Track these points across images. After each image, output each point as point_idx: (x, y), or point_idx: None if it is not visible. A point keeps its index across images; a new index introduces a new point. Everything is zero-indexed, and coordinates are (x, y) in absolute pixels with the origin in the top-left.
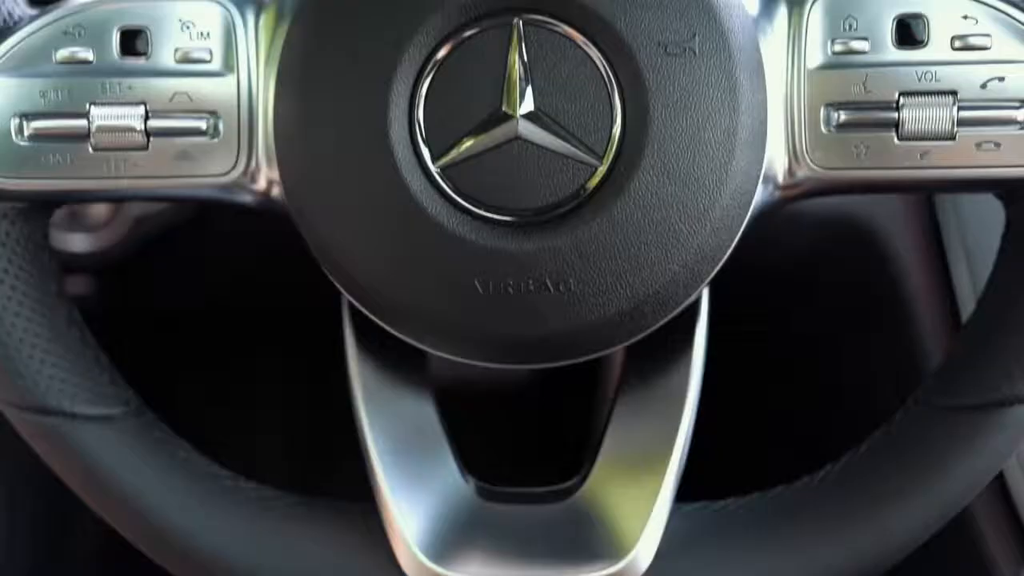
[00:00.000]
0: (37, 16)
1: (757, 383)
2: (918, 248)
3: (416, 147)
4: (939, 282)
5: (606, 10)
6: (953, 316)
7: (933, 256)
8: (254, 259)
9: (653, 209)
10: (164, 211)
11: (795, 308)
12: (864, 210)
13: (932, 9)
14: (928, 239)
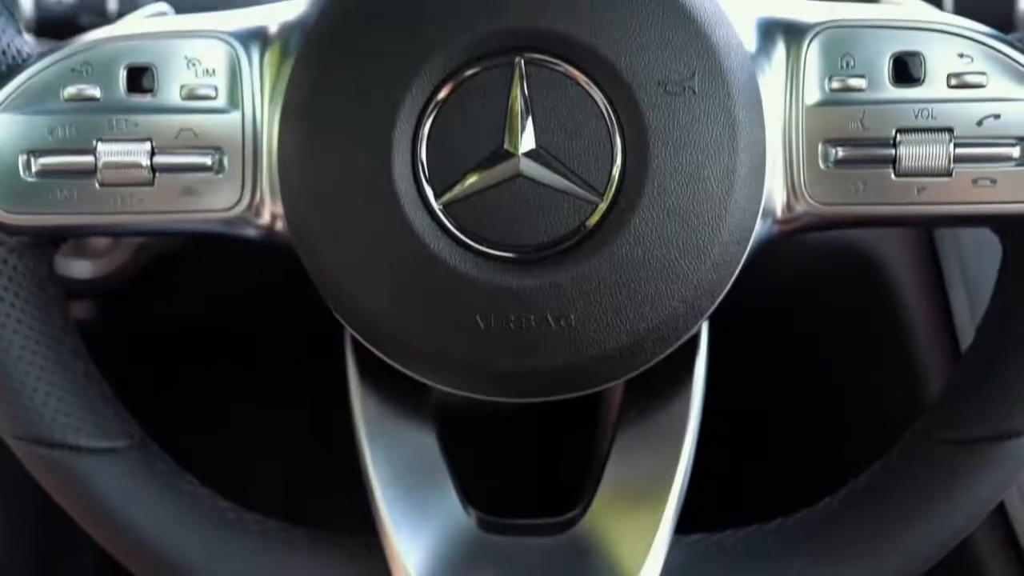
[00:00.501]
0: (45, 54)
1: (756, 413)
2: (917, 275)
3: (419, 184)
4: (938, 310)
5: (606, 49)
6: (952, 344)
7: (932, 283)
8: (256, 284)
9: (653, 246)
10: (166, 238)
11: (794, 336)
12: (863, 238)
13: (928, 47)
14: (927, 266)
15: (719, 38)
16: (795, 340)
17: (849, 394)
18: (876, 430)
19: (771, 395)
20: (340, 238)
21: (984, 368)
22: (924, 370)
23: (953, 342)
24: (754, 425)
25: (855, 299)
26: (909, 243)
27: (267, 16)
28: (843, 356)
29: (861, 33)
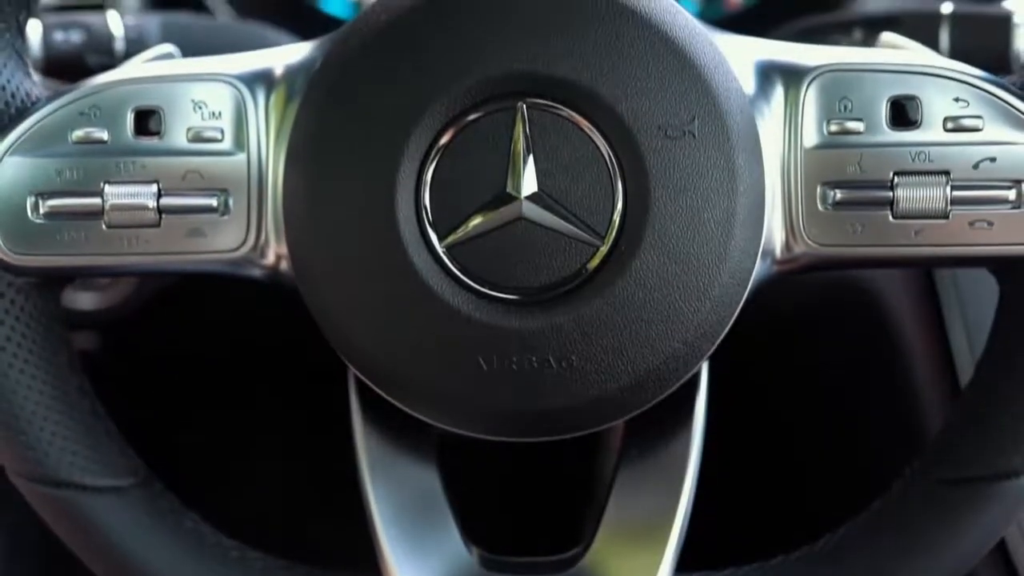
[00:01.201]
0: (54, 97)
1: (756, 450)
2: (916, 310)
3: (422, 227)
4: (937, 344)
5: (608, 94)
6: (952, 378)
7: (931, 319)
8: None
9: (654, 288)
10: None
11: (794, 370)
12: (863, 273)
13: (925, 91)
14: (926, 302)
15: (718, 83)
16: (794, 375)
17: (849, 429)
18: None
19: (771, 431)
20: (344, 280)
21: (983, 407)
22: (923, 405)
23: (952, 377)
24: (754, 461)
25: (855, 333)
26: (908, 279)
27: (272, 59)
28: (843, 391)
29: (859, 77)
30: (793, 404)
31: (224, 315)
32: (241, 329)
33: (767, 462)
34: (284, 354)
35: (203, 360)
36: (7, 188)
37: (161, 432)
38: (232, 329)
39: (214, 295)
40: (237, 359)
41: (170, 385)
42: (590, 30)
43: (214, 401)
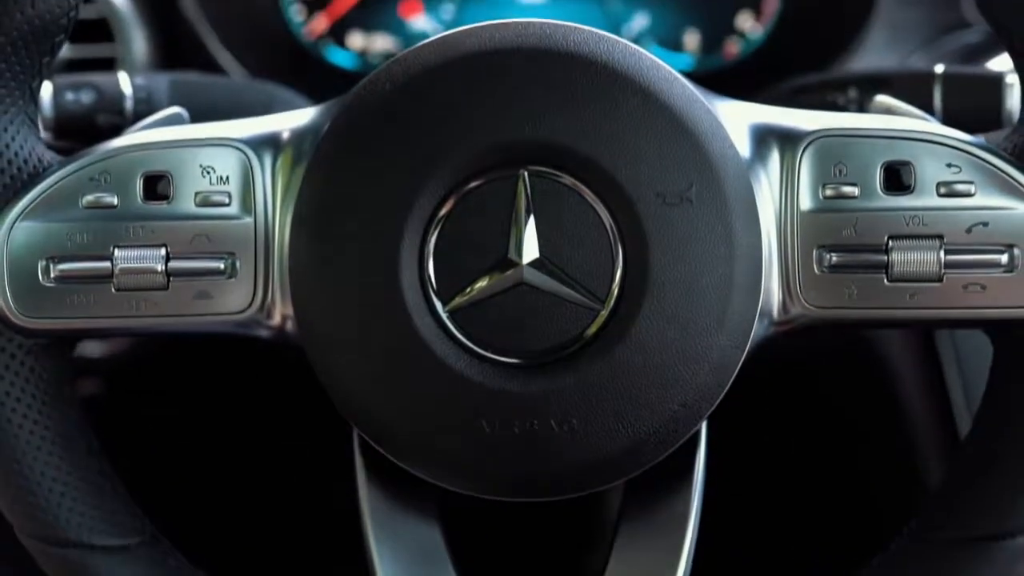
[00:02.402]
0: (65, 162)
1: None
2: (915, 363)
3: (426, 292)
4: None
5: (607, 162)
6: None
7: (931, 374)
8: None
9: (653, 352)
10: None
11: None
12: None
13: (918, 157)
14: (925, 357)
15: (715, 150)
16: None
17: (849, 483)
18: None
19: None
20: (349, 344)
21: (981, 467)
22: (923, 458)
23: (951, 427)
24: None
25: (854, 386)
26: (907, 333)
27: (279, 123)
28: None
29: (853, 142)
30: (793, 459)
31: (231, 366)
32: (248, 381)
33: (767, 517)
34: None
35: (209, 412)
36: (19, 252)
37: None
38: (239, 381)
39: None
40: (243, 411)
41: (175, 435)
42: (589, 99)
43: (220, 453)
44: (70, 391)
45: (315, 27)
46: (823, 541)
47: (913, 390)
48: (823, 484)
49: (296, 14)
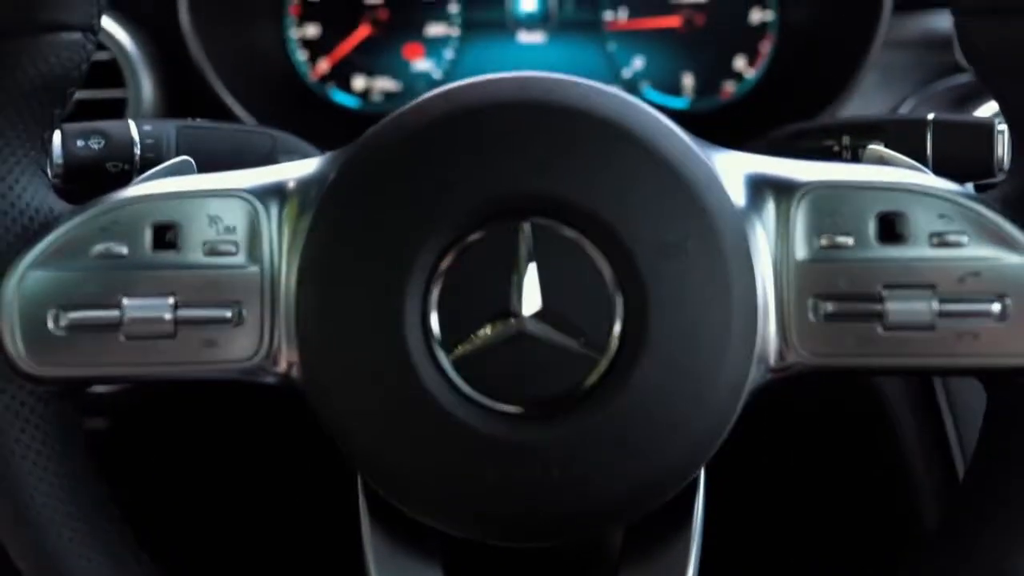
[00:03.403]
0: (75, 213)
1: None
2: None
3: (429, 343)
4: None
5: (607, 214)
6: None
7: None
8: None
9: (652, 401)
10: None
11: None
12: None
13: (911, 208)
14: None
15: (710, 201)
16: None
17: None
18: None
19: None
20: (353, 392)
21: (975, 512)
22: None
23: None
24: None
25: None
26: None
27: (284, 173)
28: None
29: (847, 193)
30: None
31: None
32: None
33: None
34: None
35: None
36: (29, 301)
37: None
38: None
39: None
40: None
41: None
42: (588, 152)
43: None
44: (79, 437)
45: (319, 69)
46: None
47: (911, 432)
48: (822, 527)
49: (301, 56)
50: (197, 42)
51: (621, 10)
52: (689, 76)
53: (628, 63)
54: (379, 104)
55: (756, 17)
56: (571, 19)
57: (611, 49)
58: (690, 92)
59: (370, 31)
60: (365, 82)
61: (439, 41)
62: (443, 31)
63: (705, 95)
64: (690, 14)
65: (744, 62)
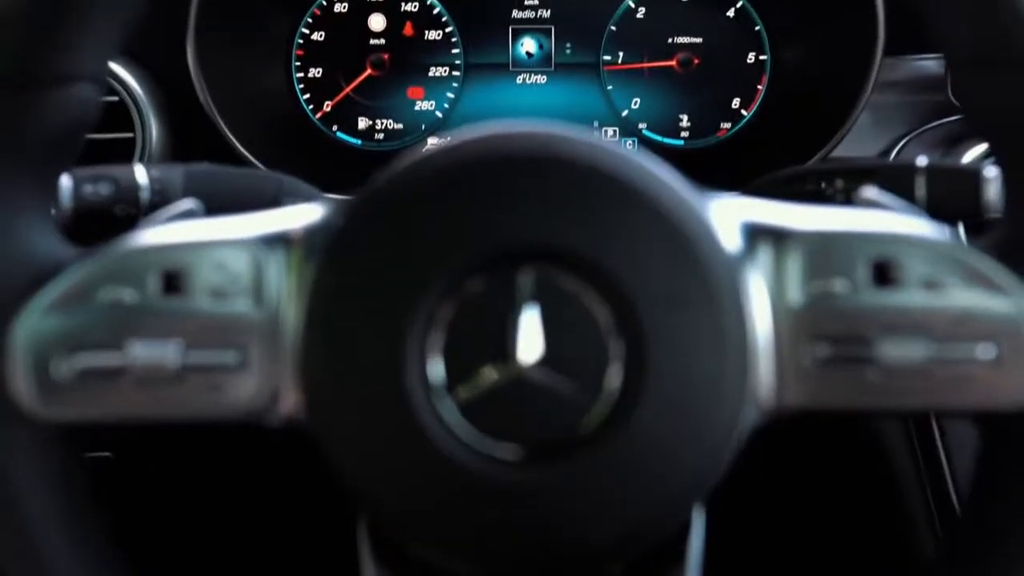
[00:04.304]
0: (83, 259)
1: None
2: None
3: (429, 389)
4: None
5: (606, 265)
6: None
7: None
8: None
9: (650, 446)
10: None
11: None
12: None
13: (903, 254)
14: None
15: (706, 251)
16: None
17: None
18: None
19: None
20: (355, 436)
21: (971, 550)
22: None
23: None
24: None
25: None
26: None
27: (290, 220)
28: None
29: (841, 240)
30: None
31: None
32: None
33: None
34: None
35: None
36: (38, 345)
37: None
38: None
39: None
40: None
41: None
42: (588, 203)
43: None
44: (82, 479)
45: (323, 109)
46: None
47: (908, 469)
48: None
49: (305, 97)
50: (204, 85)
51: (619, 52)
52: (686, 116)
53: (626, 103)
54: (381, 143)
55: (751, 58)
56: (570, 61)
57: (609, 89)
58: (687, 131)
59: (373, 72)
60: (368, 122)
61: (440, 82)
62: (444, 72)
63: (701, 134)
64: (687, 55)
65: (740, 102)
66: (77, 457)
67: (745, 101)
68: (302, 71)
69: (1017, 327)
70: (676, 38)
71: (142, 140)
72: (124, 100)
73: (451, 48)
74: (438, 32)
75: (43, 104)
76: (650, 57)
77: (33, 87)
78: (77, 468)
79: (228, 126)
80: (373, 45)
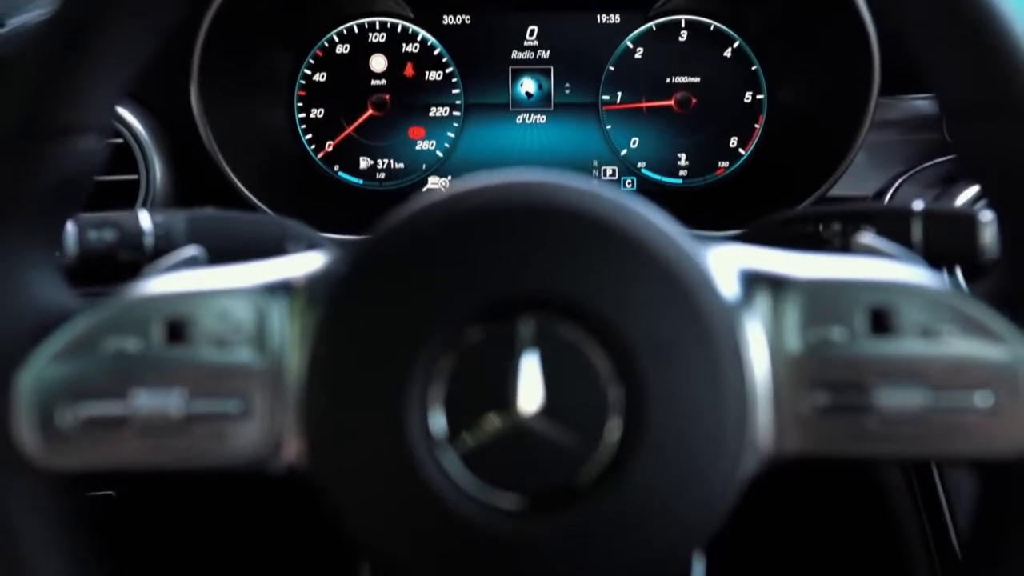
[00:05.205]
0: (88, 308)
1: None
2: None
3: (429, 439)
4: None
5: (605, 314)
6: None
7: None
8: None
9: (651, 495)
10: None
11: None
12: None
13: (900, 303)
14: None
15: (704, 299)
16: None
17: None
18: None
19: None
20: (357, 485)
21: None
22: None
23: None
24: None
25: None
26: None
27: (293, 268)
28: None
29: (839, 288)
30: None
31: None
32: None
33: None
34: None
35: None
36: (43, 395)
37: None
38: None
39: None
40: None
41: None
42: (587, 253)
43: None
44: (85, 524)
45: (325, 149)
46: None
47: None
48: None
49: (307, 137)
50: (207, 126)
51: (618, 92)
52: (684, 155)
53: (625, 143)
54: (382, 182)
55: (749, 98)
56: (569, 100)
57: (608, 129)
58: (685, 170)
59: (374, 113)
60: (369, 161)
61: (441, 122)
62: (445, 112)
63: (700, 173)
64: (685, 95)
65: (738, 141)
66: (80, 503)
67: (743, 140)
68: (304, 111)
69: (1014, 375)
70: (674, 78)
71: (146, 181)
72: (128, 142)
73: (451, 88)
74: (439, 72)
75: (50, 156)
76: (648, 97)
77: (39, 139)
78: (80, 515)
79: (230, 166)
80: (374, 86)
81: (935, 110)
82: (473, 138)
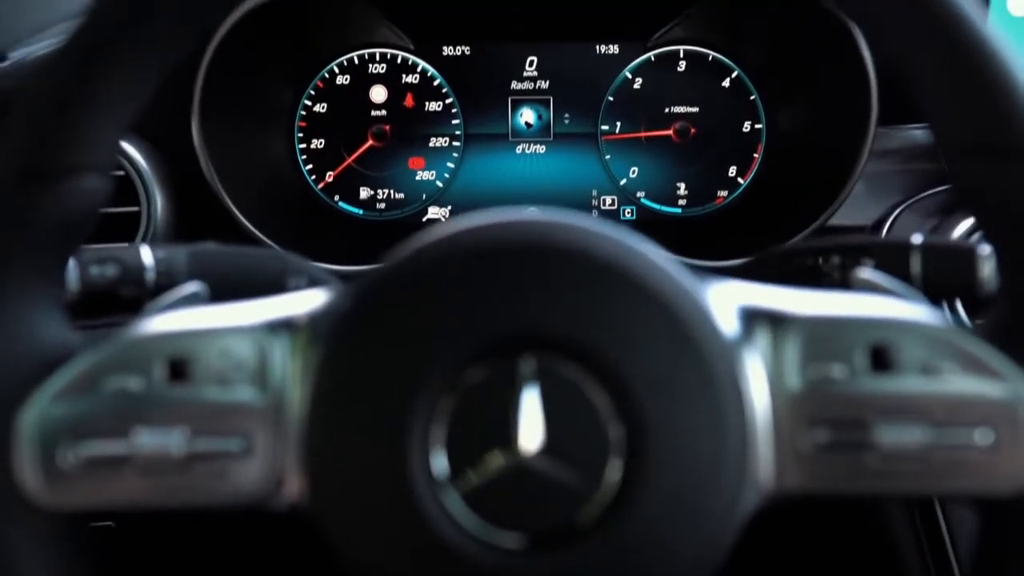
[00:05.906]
0: (90, 347)
1: None
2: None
3: (431, 478)
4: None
5: (605, 352)
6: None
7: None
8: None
9: (651, 532)
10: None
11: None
12: None
13: (900, 340)
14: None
15: (704, 336)
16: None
17: None
18: None
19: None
20: (359, 523)
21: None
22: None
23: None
24: None
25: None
26: None
27: (294, 306)
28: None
29: (839, 325)
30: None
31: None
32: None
33: None
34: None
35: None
36: (44, 434)
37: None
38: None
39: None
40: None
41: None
42: (587, 292)
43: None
44: (87, 559)
45: (325, 180)
46: None
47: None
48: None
49: (308, 168)
50: (208, 158)
51: (617, 122)
52: (683, 184)
53: (624, 172)
54: (382, 212)
55: (747, 127)
56: (569, 131)
57: (608, 159)
58: (684, 200)
59: (375, 143)
60: (369, 192)
61: (441, 152)
62: (445, 143)
63: (699, 203)
64: (684, 125)
65: (736, 170)
66: (81, 541)
67: (742, 169)
68: (305, 142)
69: (1014, 412)
70: (673, 108)
71: (147, 214)
72: (129, 174)
73: (451, 119)
74: (438, 103)
75: (53, 195)
76: (647, 127)
77: (42, 180)
78: (81, 553)
79: (231, 198)
80: (375, 116)
81: (933, 140)
82: (473, 168)
